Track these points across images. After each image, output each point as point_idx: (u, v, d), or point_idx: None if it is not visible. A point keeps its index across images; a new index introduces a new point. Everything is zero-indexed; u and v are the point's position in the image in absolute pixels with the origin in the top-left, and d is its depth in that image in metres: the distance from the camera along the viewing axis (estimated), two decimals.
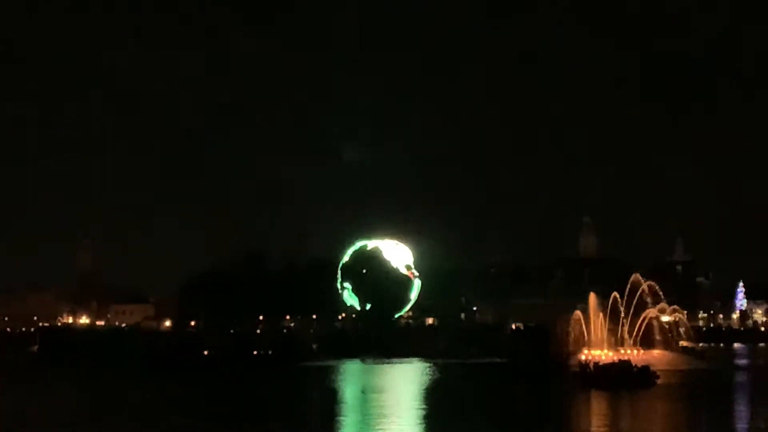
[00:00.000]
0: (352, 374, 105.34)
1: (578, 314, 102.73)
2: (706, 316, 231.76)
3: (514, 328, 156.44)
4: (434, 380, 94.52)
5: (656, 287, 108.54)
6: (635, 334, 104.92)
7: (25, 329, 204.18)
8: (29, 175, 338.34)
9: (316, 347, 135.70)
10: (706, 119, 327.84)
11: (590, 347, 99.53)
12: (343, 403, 72.58)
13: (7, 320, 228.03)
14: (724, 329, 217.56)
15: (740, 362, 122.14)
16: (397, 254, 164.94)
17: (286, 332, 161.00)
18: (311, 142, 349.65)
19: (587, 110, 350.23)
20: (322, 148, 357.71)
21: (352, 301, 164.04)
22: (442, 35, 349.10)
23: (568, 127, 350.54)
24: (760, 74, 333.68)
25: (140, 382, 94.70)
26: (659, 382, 79.12)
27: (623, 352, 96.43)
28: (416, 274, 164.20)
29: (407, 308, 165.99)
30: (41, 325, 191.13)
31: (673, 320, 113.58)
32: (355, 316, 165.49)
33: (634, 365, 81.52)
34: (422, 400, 73.01)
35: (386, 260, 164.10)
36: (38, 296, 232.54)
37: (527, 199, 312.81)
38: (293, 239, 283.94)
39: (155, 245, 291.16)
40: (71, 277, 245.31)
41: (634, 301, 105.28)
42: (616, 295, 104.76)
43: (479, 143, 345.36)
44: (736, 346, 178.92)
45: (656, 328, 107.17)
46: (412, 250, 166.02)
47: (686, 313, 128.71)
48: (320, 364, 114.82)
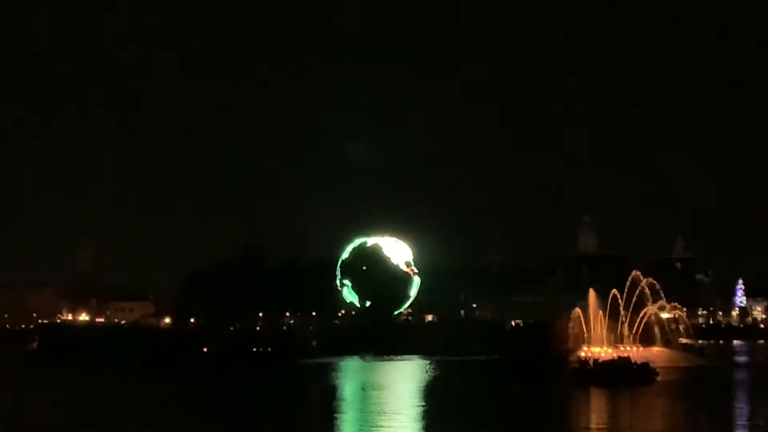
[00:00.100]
0: (351, 371, 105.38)
1: (578, 311, 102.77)
2: (705, 313, 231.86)
3: (513, 325, 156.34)
4: (434, 377, 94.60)
5: (656, 284, 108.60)
6: (635, 331, 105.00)
7: (24, 326, 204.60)
8: (29, 174, 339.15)
9: (315, 344, 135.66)
10: (706, 119, 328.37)
11: (590, 344, 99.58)
12: (342, 400, 72.58)
13: (6, 317, 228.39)
14: (723, 326, 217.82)
15: (740, 359, 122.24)
16: (396, 251, 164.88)
17: (285, 329, 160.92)
18: (311, 142, 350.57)
19: (587, 110, 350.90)
20: (322, 148, 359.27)
21: (351, 298, 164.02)
22: (442, 35, 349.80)
23: (568, 127, 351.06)
24: (760, 74, 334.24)
25: (139, 379, 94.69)
26: (659, 379, 79.19)
27: (623, 349, 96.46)
28: (416, 271, 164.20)
29: (406, 305, 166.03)
30: (41, 322, 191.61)
31: (672, 317, 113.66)
32: (354, 313, 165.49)
33: (633, 362, 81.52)
34: (422, 397, 73.01)
35: (386, 257, 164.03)
36: (38, 293, 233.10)
37: (527, 198, 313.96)
38: (293, 237, 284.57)
39: (155, 244, 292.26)
40: (71, 274, 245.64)
41: (633, 298, 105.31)
42: (615, 292, 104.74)
43: (479, 143, 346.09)
44: (735, 343, 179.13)
45: (656, 325, 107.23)
46: (411, 247, 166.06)
47: (686, 310, 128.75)
48: (320, 361, 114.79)
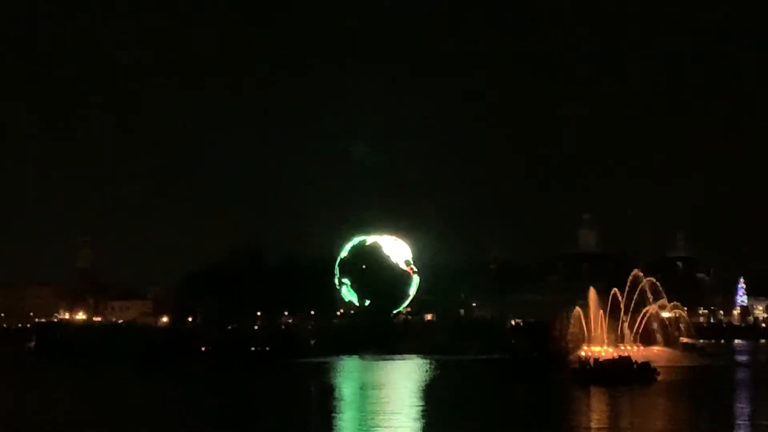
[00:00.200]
0: (350, 371, 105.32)
1: (578, 310, 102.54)
2: (706, 312, 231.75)
3: (513, 324, 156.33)
4: (433, 377, 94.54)
5: (657, 283, 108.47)
6: (635, 330, 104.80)
7: (21, 325, 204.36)
8: (29, 174, 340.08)
9: (314, 343, 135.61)
10: (706, 119, 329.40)
11: (590, 343, 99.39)
12: (341, 399, 72.52)
13: (3, 316, 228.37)
14: (724, 325, 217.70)
15: (741, 359, 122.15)
16: (396, 250, 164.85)
17: (284, 328, 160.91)
18: (311, 142, 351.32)
19: (587, 110, 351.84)
20: (322, 148, 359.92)
21: (350, 296, 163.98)
22: (442, 35, 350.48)
23: (568, 127, 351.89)
24: (760, 74, 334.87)
25: (137, 379, 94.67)
26: (659, 378, 79.09)
27: (623, 348, 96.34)
28: (415, 269, 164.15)
29: (406, 304, 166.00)
30: (38, 321, 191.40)
31: (673, 316, 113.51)
32: (353, 312, 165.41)
33: (634, 362, 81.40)
34: (421, 396, 72.95)
35: (385, 256, 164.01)
36: (35, 292, 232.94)
37: (527, 196, 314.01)
38: (292, 236, 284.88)
39: (154, 243, 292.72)
40: (69, 273, 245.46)
41: (634, 297, 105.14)
42: (616, 291, 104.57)
43: (479, 143, 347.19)
44: (736, 342, 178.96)
45: (657, 324, 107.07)
46: (411, 245, 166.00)
47: (687, 309, 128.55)
48: (318, 360, 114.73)
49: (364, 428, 52.28)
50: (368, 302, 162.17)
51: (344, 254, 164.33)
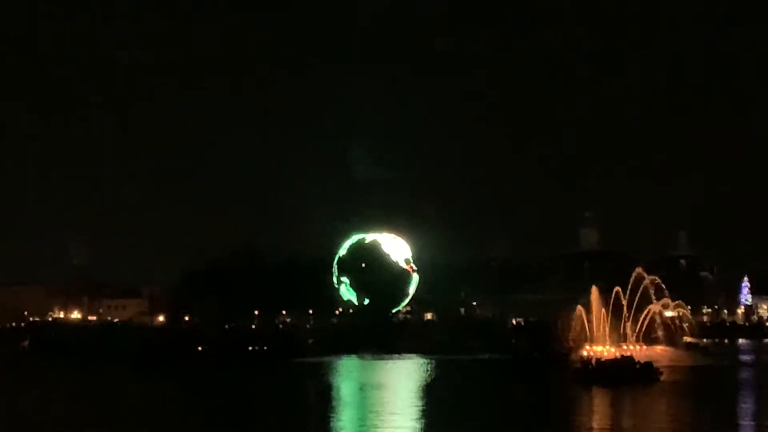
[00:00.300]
0: (349, 370, 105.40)
1: (580, 309, 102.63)
2: (710, 311, 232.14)
3: (514, 323, 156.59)
4: (433, 376, 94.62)
5: (660, 282, 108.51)
6: (638, 329, 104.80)
7: (15, 324, 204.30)
8: (29, 174, 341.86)
9: (312, 343, 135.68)
10: (706, 119, 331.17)
11: (592, 343, 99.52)
12: (339, 399, 72.62)
13: None
14: (728, 325, 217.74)
15: (745, 358, 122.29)
16: (395, 248, 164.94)
17: (282, 327, 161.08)
18: (311, 142, 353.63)
19: (587, 110, 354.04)
20: (322, 148, 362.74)
21: (349, 295, 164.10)
22: (442, 35, 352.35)
23: (568, 127, 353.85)
24: (760, 74, 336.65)
25: (133, 379, 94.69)
26: (662, 378, 79.09)
27: (626, 347, 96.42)
28: (415, 268, 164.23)
29: (405, 303, 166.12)
30: (32, 320, 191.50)
31: (676, 315, 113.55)
32: (352, 311, 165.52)
33: (636, 361, 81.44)
34: (421, 397, 73.04)
35: (385, 254, 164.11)
36: (29, 291, 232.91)
37: (527, 196, 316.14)
38: (292, 236, 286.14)
39: (154, 243, 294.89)
40: (63, 271, 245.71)
41: (636, 295, 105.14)
42: (618, 289, 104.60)
43: (479, 143, 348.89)
44: (741, 341, 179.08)
45: (659, 323, 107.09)
46: (410, 244, 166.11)
47: (690, 308, 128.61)
48: (317, 360, 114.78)
49: (363, 429, 52.39)
50: (367, 301, 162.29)
51: (343, 252, 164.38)
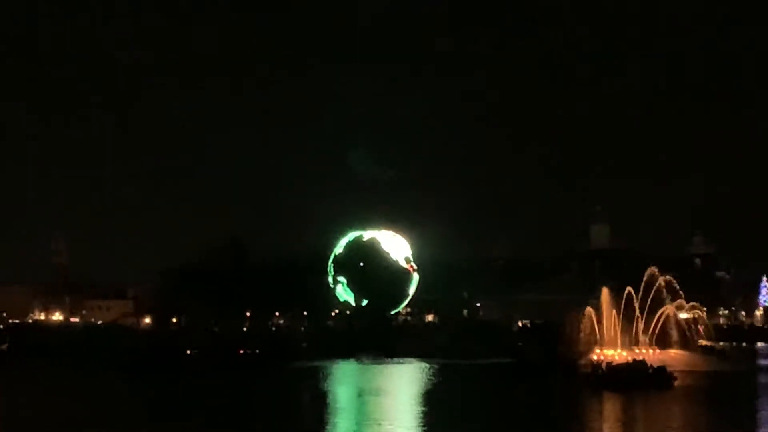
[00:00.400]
0: (346, 375, 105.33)
1: (590, 311, 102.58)
2: (727, 313, 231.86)
3: (520, 325, 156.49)
4: (434, 382, 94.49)
5: (674, 282, 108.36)
6: (651, 332, 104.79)
7: None
8: (29, 174, 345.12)
9: (306, 346, 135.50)
10: (706, 119, 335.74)
11: (602, 346, 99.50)
12: (336, 406, 72.42)
13: None
14: (746, 327, 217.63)
15: (763, 363, 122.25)
16: (395, 246, 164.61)
17: (274, 330, 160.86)
18: (311, 142, 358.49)
19: (587, 110, 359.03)
20: (322, 148, 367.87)
21: (346, 296, 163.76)
22: (441, 35, 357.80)
23: (568, 127, 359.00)
24: (760, 74, 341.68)
25: (118, 383, 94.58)
26: (676, 383, 79.18)
27: (638, 351, 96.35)
28: (415, 267, 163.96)
29: (405, 304, 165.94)
30: (11, 322, 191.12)
31: (691, 317, 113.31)
32: (349, 312, 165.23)
33: (649, 366, 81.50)
34: (422, 403, 72.87)
35: (384, 252, 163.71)
36: (8, 291, 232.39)
37: (527, 196, 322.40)
38: (290, 235, 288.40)
39: (155, 242, 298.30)
40: (45, 271, 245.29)
41: (649, 296, 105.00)
42: (630, 290, 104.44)
43: (479, 143, 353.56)
44: (759, 345, 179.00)
45: (673, 326, 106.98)
46: (410, 241, 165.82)
47: (705, 310, 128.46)
48: (311, 364, 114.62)
49: None
50: (365, 302, 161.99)
51: (339, 251, 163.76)
